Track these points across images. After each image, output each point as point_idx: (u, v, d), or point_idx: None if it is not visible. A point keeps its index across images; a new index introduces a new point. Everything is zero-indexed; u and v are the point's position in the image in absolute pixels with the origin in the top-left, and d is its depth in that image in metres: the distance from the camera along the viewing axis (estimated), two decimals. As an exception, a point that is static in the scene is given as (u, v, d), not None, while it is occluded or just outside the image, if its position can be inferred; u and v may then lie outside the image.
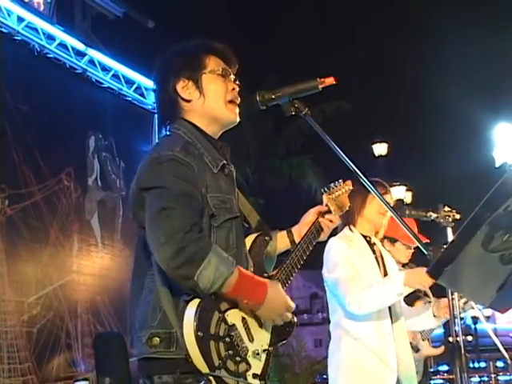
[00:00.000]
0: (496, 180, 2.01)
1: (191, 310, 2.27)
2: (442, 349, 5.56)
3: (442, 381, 12.03)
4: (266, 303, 2.41)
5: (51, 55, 8.05)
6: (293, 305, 2.51)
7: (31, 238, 7.16)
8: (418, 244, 2.48)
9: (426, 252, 2.46)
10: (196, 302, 2.29)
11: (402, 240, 5.10)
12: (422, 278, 3.71)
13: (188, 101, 2.61)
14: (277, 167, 18.75)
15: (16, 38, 7.53)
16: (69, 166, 7.94)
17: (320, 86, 2.61)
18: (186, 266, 2.26)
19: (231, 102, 2.65)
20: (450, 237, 3.54)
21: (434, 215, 3.69)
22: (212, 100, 2.62)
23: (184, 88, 2.60)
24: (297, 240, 2.88)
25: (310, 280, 36.30)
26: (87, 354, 7.53)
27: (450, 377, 11.63)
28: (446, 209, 3.62)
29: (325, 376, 12.19)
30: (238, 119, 2.67)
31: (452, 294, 3.41)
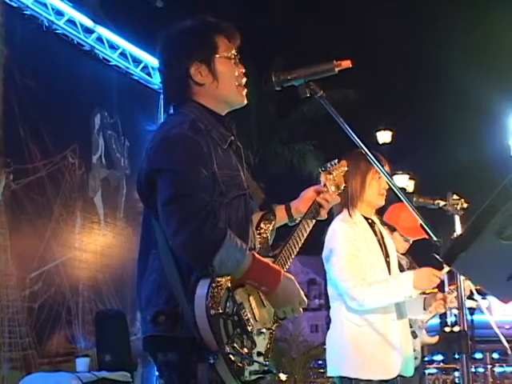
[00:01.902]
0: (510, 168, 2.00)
1: (203, 288, 2.29)
2: (436, 338, 5.61)
3: (436, 370, 12.08)
4: (280, 291, 2.45)
5: (59, 31, 8.00)
6: (306, 300, 2.54)
7: (35, 213, 7.15)
8: (426, 229, 2.49)
9: (435, 238, 2.47)
10: (207, 280, 2.31)
11: (401, 231, 5.13)
12: (430, 278, 3.73)
13: (201, 84, 2.60)
14: (279, 152, 18.75)
15: (25, 12, 7.49)
16: (74, 142, 7.92)
17: (336, 69, 2.61)
18: (202, 251, 2.29)
19: (240, 85, 2.66)
20: (458, 225, 3.54)
21: (442, 203, 3.69)
22: (225, 84, 2.61)
23: (197, 72, 2.58)
24: (294, 214, 2.92)
25: (308, 266, 36.30)
26: (87, 331, 7.55)
27: (446, 366, 11.69)
28: (455, 197, 3.62)
29: (320, 361, 12.23)
30: (245, 101, 2.68)
31: (457, 282, 3.41)
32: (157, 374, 8.21)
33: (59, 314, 7.25)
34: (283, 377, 2.35)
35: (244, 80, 2.67)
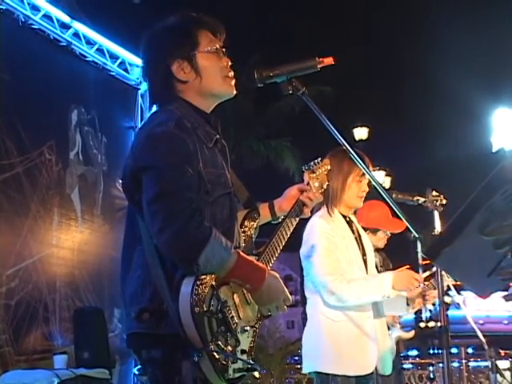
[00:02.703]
0: (492, 165, 2.03)
1: (187, 285, 2.29)
2: (412, 333, 5.66)
3: (411, 365, 12.13)
4: (265, 289, 2.46)
5: (36, 26, 7.92)
6: (291, 297, 2.54)
7: (11, 209, 7.07)
8: (409, 227, 2.50)
9: (417, 235, 2.48)
10: (191, 278, 2.31)
11: (382, 227, 5.16)
12: (409, 280, 3.76)
13: (184, 81, 2.59)
14: (255, 149, 18.77)
15: (0, 7, 7.39)
16: (51, 139, 7.83)
17: (319, 66, 2.62)
18: (187, 250, 2.29)
19: (227, 76, 2.65)
20: (437, 221, 3.56)
21: (421, 199, 3.71)
22: (209, 79, 2.60)
23: (179, 69, 2.57)
24: (277, 212, 2.94)
25: (285, 262, 36.39)
26: (64, 328, 7.50)
27: (422, 361, 11.76)
28: (434, 193, 3.64)
29: (297, 358, 12.26)
30: (234, 91, 2.67)
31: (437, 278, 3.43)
32: (135, 371, 8.19)
33: (36, 311, 7.19)
34: (256, 374, 2.34)
35: (231, 72, 2.66)
